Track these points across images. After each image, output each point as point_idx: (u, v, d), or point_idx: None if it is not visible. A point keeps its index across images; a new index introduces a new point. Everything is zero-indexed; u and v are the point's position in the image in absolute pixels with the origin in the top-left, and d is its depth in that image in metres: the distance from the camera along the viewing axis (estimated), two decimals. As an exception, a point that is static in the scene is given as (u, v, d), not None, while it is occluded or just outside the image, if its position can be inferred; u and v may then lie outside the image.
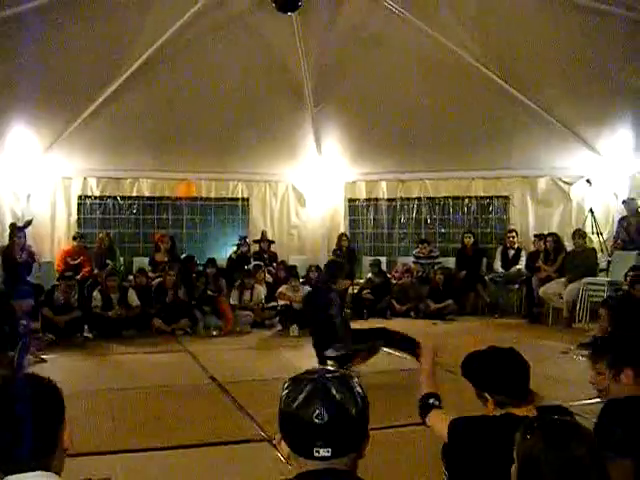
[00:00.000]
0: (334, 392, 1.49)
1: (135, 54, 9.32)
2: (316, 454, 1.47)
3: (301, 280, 9.84)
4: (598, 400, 2.52)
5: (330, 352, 5.92)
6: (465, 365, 2.56)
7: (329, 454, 1.47)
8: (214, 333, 8.84)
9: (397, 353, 6.47)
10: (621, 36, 8.49)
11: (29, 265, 9.00)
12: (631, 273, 7.85)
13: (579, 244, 9.59)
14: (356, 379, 1.59)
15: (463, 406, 2.61)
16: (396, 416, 4.54)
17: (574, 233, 9.77)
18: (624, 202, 10.04)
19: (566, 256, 9.66)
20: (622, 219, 9.96)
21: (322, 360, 5.98)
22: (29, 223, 9.35)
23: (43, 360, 6.96)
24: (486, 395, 2.42)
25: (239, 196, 11.89)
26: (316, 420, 1.46)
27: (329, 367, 1.64)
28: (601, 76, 9.13)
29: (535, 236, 10.43)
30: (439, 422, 2.52)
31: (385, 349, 6.38)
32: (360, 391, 1.54)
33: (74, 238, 10.24)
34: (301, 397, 1.50)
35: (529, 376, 2.40)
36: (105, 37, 8.96)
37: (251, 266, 10.26)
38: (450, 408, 2.66)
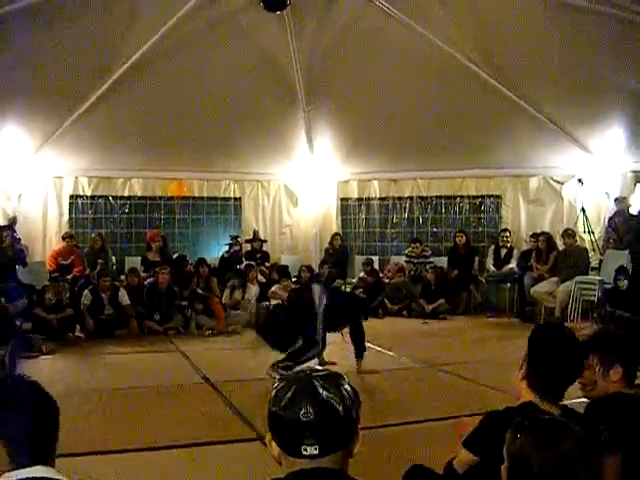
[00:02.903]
0: (320, 390, 1.49)
1: (126, 53, 9.29)
2: (304, 452, 1.47)
3: (293, 279, 9.83)
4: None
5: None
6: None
7: (317, 452, 1.47)
8: (206, 333, 8.83)
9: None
10: (613, 35, 8.51)
11: (21, 255, 9.01)
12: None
13: (569, 243, 9.64)
14: (345, 378, 1.59)
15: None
16: (386, 415, 4.55)
17: (563, 233, 9.82)
18: (616, 200, 10.10)
19: (558, 255, 9.70)
20: (610, 219, 10.02)
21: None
22: (13, 221, 9.31)
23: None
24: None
25: (231, 195, 11.90)
26: (303, 418, 1.46)
27: (318, 367, 1.64)
28: (592, 75, 9.15)
29: (531, 236, 10.46)
30: (460, 455, 2.40)
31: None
32: (349, 389, 1.54)
33: (64, 238, 10.18)
34: (288, 395, 1.50)
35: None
36: (96, 36, 8.92)
37: (243, 266, 10.24)
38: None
